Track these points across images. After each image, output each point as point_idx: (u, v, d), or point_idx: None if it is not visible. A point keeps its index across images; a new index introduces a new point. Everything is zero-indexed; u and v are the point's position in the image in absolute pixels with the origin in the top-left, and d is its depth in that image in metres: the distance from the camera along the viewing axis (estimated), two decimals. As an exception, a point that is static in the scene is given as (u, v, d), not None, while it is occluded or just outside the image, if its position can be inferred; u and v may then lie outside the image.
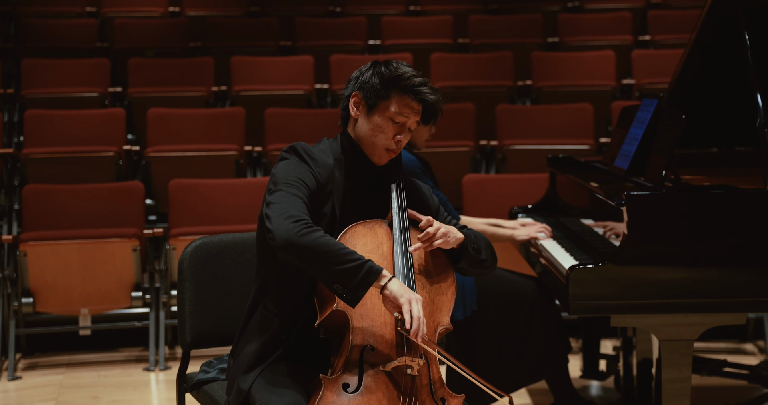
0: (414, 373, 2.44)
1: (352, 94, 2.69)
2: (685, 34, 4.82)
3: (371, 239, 2.56)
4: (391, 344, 2.47)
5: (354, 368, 2.43)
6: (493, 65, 7.97)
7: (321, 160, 2.65)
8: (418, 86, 2.64)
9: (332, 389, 2.39)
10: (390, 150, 2.66)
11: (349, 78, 2.74)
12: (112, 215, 5.61)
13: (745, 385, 4.63)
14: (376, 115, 2.65)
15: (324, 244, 2.41)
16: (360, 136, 2.68)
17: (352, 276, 2.39)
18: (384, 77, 2.65)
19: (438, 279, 2.60)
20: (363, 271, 2.40)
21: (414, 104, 2.65)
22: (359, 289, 2.40)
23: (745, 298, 3.11)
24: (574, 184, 4.06)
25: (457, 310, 3.84)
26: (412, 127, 2.68)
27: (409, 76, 2.64)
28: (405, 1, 9.53)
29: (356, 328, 2.46)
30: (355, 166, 2.69)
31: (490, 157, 6.92)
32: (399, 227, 2.59)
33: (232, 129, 6.80)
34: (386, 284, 2.43)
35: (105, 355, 5.55)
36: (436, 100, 2.67)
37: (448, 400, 2.49)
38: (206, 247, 3.05)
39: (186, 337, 2.99)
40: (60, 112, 6.88)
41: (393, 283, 2.44)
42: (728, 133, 4.06)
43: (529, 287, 4.01)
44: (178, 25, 8.90)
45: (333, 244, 2.42)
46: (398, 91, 2.64)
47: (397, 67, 2.67)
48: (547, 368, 4.02)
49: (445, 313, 2.58)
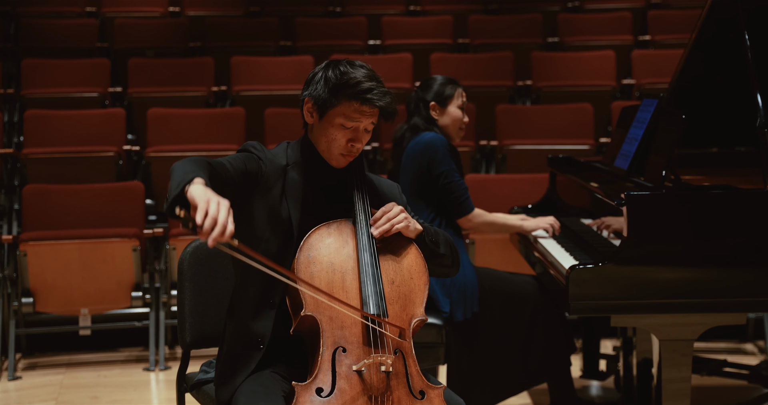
0: (388, 369, 2.42)
1: (305, 100, 2.66)
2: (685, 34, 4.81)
3: (336, 238, 2.56)
4: (362, 343, 2.46)
5: (327, 372, 2.41)
6: (493, 65, 7.96)
7: (270, 157, 2.64)
8: (364, 93, 2.56)
9: (305, 396, 2.37)
10: (345, 155, 2.62)
11: (306, 79, 2.68)
12: (112, 215, 5.61)
13: (745, 385, 4.63)
14: (327, 122, 2.61)
15: (183, 162, 2.35)
16: (317, 140, 2.65)
17: (174, 183, 2.27)
18: (330, 84, 2.58)
19: (408, 272, 2.58)
20: (186, 178, 2.25)
21: (365, 108, 2.58)
22: (171, 192, 2.25)
23: (745, 298, 3.11)
24: (574, 184, 4.06)
25: (457, 311, 3.84)
26: (368, 128, 2.62)
27: (355, 81, 2.56)
28: (405, 1, 9.53)
29: (326, 331, 2.45)
30: (314, 169, 2.67)
31: (490, 157, 6.92)
32: (362, 224, 2.57)
33: (232, 129, 6.80)
34: (190, 188, 2.23)
35: (105, 355, 5.55)
36: (386, 105, 2.58)
37: (427, 392, 2.47)
38: (206, 248, 3.04)
39: (186, 337, 2.99)
40: (60, 112, 6.88)
41: (196, 186, 2.23)
42: (728, 133, 4.06)
43: (532, 288, 4.01)
44: (178, 25, 8.89)
45: (190, 161, 2.34)
46: (345, 98, 2.57)
47: (345, 71, 2.59)
48: (552, 370, 4.01)
49: (418, 304, 2.57)
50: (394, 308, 2.52)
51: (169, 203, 2.26)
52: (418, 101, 4.08)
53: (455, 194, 3.92)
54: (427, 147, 3.93)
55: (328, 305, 2.43)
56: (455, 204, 3.92)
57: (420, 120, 4.05)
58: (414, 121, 4.06)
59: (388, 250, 2.60)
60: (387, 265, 2.57)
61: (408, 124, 4.09)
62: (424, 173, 3.92)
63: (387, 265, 2.57)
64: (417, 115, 4.07)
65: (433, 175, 3.91)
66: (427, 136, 3.97)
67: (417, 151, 3.94)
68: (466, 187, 3.95)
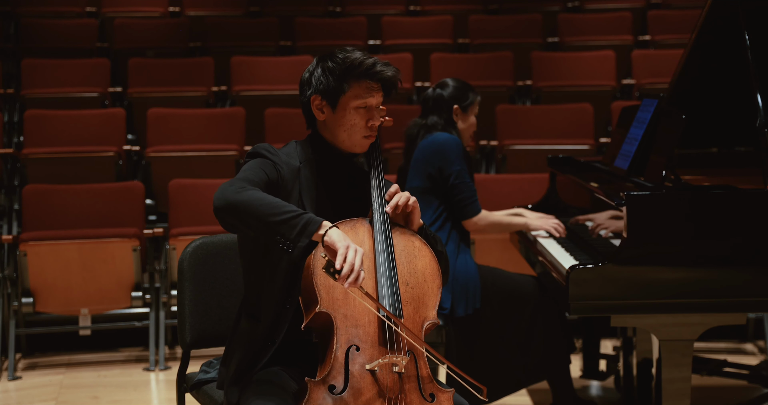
0: (401, 370, 2.43)
1: (312, 99, 2.68)
2: (685, 34, 4.81)
3: (352, 238, 2.55)
4: (377, 343, 2.46)
5: (340, 369, 2.41)
6: (493, 65, 7.97)
7: (285, 159, 2.65)
8: (371, 68, 2.62)
9: (318, 392, 2.38)
10: (367, 136, 2.66)
11: (300, 81, 2.72)
12: (112, 215, 5.61)
13: (745, 385, 4.64)
14: (342, 110, 2.64)
15: (261, 198, 2.39)
16: (334, 134, 2.68)
17: (290, 226, 2.36)
18: (336, 73, 2.63)
19: (422, 274, 2.59)
20: (302, 221, 2.37)
21: (372, 84, 2.64)
22: (299, 240, 2.36)
23: (745, 298, 3.11)
24: (574, 184, 4.06)
25: (459, 306, 3.85)
26: (378, 105, 2.67)
27: (359, 61, 2.62)
28: (405, 1, 9.53)
29: (340, 329, 2.45)
30: (327, 165, 2.69)
31: (490, 157, 6.92)
32: (380, 224, 2.58)
33: (232, 129, 6.80)
34: (326, 232, 2.39)
35: (105, 355, 5.55)
36: (394, 75, 2.65)
37: (437, 395, 2.48)
38: (206, 247, 3.05)
39: (186, 337, 2.99)
40: (60, 112, 6.88)
41: (333, 231, 2.39)
42: (728, 133, 4.06)
43: (533, 286, 4.01)
44: (178, 25, 8.90)
45: (270, 198, 2.40)
46: (353, 79, 2.63)
47: (344, 57, 2.64)
48: (551, 368, 4.02)
49: (431, 307, 2.57)
50: (408, 310, 2.53)
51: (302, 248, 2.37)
52: (440, 101, 4.07)
53: (464, 195, 3.92)
54: (441, 146, 3.93)
55: (343, 302, 2.43)
56: (462, 205, 3.92)
57: (439, 120, 4.04)
58: (432, 120, 4.05)
59: (403, 251, 2.60)
60: (402, 266, 2.58)
61: (424, 121, 4.08)
62: (435, 172, 3.92)
63: (402, 267, 2.57)
64: (436, 115, 4.06)
65: (444, 174, 3.91)
66: (442, 136, 3.97)
67: (431, 150, 3.95)
68: (475, 190, 3.95)
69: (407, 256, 2.60)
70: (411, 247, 2.61)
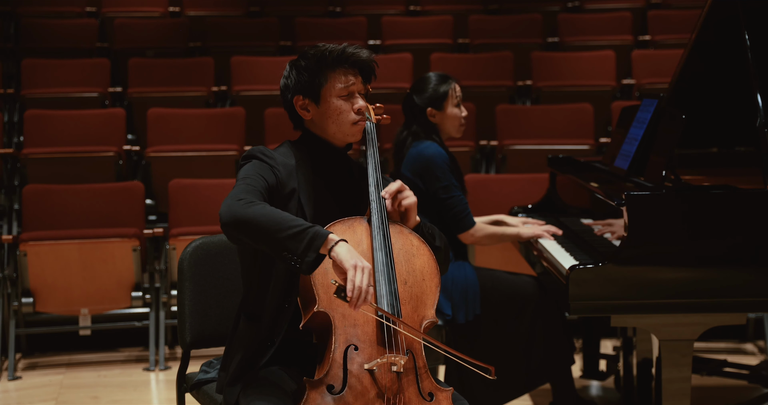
0: (399, 369, 2.43)
1: (295, 101, 2.69)
2: (685, 34, 4.81)
3: (350, 237, 2.55)
4: (375, 342, 2.46)
5: (338, 369, 2.42)
6: (492, 65, 7.97)
7: (281, 160, 2.65)
8: (341, 54, 2.65)
9: (317, 392, 2.38)
10: (357, 123, 2.67)
11: (280, 90, 2.74)
12: (112, 215, 5.61)
13: (745, 385, 4.63)
14: (326, 102, 2.66)
15: (268, 213, 2.39)
16: (324, 128, 2.69)
17: (297, 241, 2.34)
18: (310, 68, 2.66)
19: (420, 273, 2.58)
20: (308, 235, 2.35)
21: (348, 70, 2.66)
22: (306, 254, 2.34)
23: (745, 298, 3.11)
24: (574, 184, 4.06)
25: (459, 313, 3.83)
26: (361, 91, 2.69)
27: (329, 51, 2.65)
28: (405, 1, 9.53)
29: (338, 328, 2.45)
30: (322, 162, 2.70)
31: (490, 157, 6.92)
32: (378, 223, 2.57)
33: (232, 129, 6.80)
34: (333, 248, 2.37)
35: (105, 355, 5.55)
36: (367, 56, 2.68)
37: (435, 394, 2.48)
38: (206, 247, 3.06)
39: (186, 337, 2.99)
40: (60, 112, 6.88)
41: (341, 246, 2.37)
42: (728, 133, 4.06)
43: (533, 289, 3.99)
44: (178, 25, 8.90)
45: (277, 213, 2.40)
46: (328, 70, 2.65)
47: (315, 51, 2.68)
48: (554, 370, 4.00)
49: (429, 306, 2.57)
50: (406, 309, 2.53)
51: (310, 263, 2.35)
52: (413, 108, 4.04)
53: (456, 210, 3.90)
54: (425, 164, 3.90)
55: (341, 302, 2.42)
56: (455, 219, 3.90)
57: (419, 127, 4.02)
58: (414, 129, 4.03)
59: (401, 250, 2.60)
60: (400, 265, 2.57)
61: (408, 130, 4.05)
62: (422, 189, 3.89)
63: (400, 266, 2.57)
64: (415, 123, 4.04)
65: (431, 191, 3.89)
66: (427, 150, 3.93)
67: (416, 166, 3.92)
68: (466, 202, 3.93)
69: (405, 255, 2.60)
70: (409, 246, 2.61)
